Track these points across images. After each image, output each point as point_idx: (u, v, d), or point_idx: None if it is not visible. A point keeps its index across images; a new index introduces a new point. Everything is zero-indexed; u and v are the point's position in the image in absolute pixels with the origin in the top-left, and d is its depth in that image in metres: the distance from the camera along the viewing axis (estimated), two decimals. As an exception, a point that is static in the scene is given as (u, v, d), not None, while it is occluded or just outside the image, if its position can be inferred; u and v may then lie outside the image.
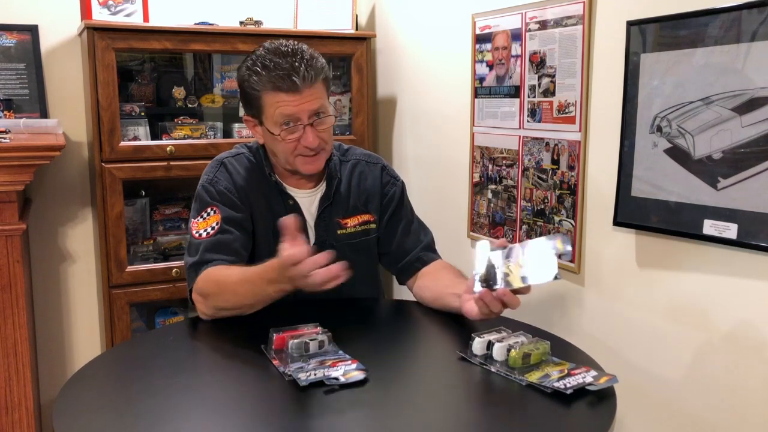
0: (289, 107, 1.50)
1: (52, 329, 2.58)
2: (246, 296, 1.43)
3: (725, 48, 1.35)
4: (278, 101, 1.50)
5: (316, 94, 1.52)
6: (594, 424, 1.07)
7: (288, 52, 1.51)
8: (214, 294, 1.46)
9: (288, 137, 1.53)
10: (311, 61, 1.51)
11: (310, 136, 1.52)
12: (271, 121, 1.53)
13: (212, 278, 1.48)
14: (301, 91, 1.49)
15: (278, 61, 1.49)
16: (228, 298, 1.45)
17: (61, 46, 2.47)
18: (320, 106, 1.53)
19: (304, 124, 1.52)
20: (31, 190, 2.45)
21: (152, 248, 2.49)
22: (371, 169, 1.73)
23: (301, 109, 1.51)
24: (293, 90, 1.48)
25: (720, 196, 1.38)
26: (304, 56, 1.51)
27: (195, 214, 1.61)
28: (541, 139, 1.88)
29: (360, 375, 1.17)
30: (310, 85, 1.50)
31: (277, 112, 1.51)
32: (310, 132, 1.52)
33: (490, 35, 2.05)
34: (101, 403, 1.16)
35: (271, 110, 1.52)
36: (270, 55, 1.52)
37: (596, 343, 1.73)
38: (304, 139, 1.53)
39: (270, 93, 1.51)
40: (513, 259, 1.34)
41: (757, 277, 1.35)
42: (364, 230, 1.69)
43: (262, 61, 1.51)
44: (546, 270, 1.30)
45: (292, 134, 1.53)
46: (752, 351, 1.38)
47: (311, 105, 1.51)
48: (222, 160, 1.66)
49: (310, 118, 1.52)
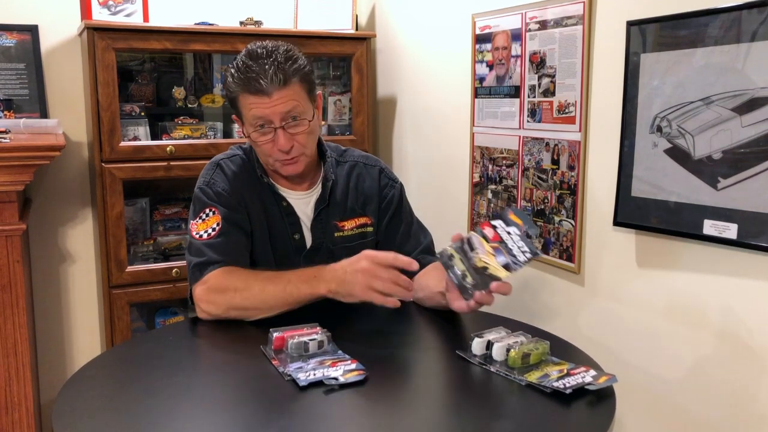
0: (258, 109, 1.49)
1: (52, 329, 2.58)
2: (274, 295, 1.42)
3: (725, 48, 1.34)
4: (249, 103, 1.50)
5: (289, 96, 1.49)
6: (593, 424, 1.07)
7: (261, 54, 1.49)
8: (234, 289, 1.45)
9: (260, 139, 1.52)
10: (285, 63, 1.48)
11: (281, 139, 1.51)
12: (248, 123, 1.53)
13: (235, 274, 1.48)
14: (270, 94, 1.47)
15: (249, 64, 1.48)
16: (252, 294, 1.44)
17: (61, 46, 2.47)
18: (293, 109, 1.50)
19: (275, 127, 1.51)
20: (31, 190, 2.45)
21: (152, 248, 2.49)
22: (369, 171, 1.72)
23: (272, 111, 1.49)
24: (262, 93, 1.47)
25: (720, 196, 1.38)
26: (277, 58, 1.48)
27: (194, 216, 1.60)
28: (541, 139, 1.88)
29: (359, 375, 1.17)
30: (280, 87, 1.47)
31: (249, 114, 1.51)
32: (281, 135, 1.51)
33: (490, 35, 2.05)
34: (101, 403, 1.16)
35: (245, 111, 1.52)
36: (245, 57, 1.51)
37: (596, 343, 1.73)
38: (276, 142, 1.51)
39: (242, 95, 1.50)
40: (480, 249, 1.33)
41: (757, 277, 1.35)
42: (362, 233, 1.68)
43: (237, 63, 1.51)
44: (521, 250, 1.30)
45: (265, 136, 1.52)
46: (752, 351, 1.37)
47: (282, 107, 1.49)
48: (218, 162, 1.65)
49: (282, 120, 1.50)
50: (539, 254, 1.29)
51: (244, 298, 1.44)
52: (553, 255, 1.87)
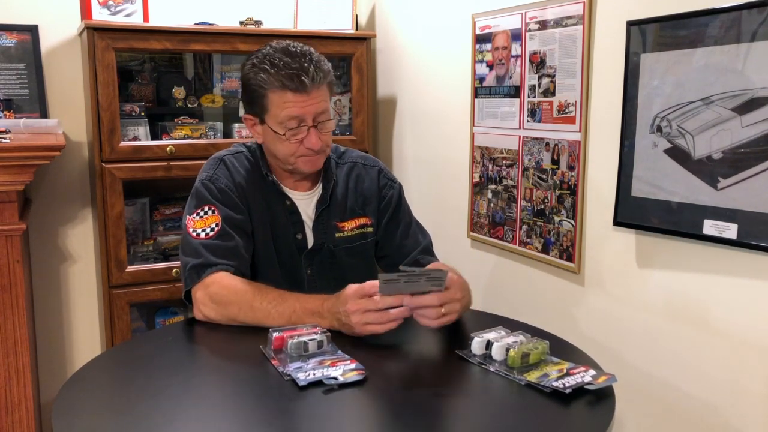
0: (295, 108, 1.50)
1: (52, 329, 2.58)
2: (278, 321, 1.40)
3: (725, 48, 1.34)
4: (285, 101, 1.49)
5: (322, 96, 1.52)
6: (593, 424, 1.07)
7: (297, 52, 1.51)
8: (238, 307, 1.43)
9: (292, 138, 1.52)
10: (319, 63, 1.51)
11: (313, 137, 1.52)
12: (275, 121, 1.52)
13: (240, 289, 1.46)
14: (309, 92, 1.49)
15: (287, 60, 1.49)
16: (255, 317, 1.42)
17: (61, 46, 2.48)
18: (325, 109, 1.53)
19: (309, 126, 1.52)
20: (31, 190, 2.45)
21: (152, 248, 2.49)
22: (368, 171, 1.72)
23: (307, 110, 1.50)
24: (301, 90, 1.48)
25: (720, 196, 1.38)
26: (312, 58, 1.51)
27: (191, 211, 1.57)
28: (541, 139, 1.88)
29: (359, 375, 1.16)
30: (318, 86, 1.50)
31: (283, 112, 1.50)
32: (314, 134, 1.52)
33: (490, 35, 2.05)
34: (101, 403, 1.16)
35: (277, 110, 1.51)
36: (279, 53, 1.51)
37: (595, 343, 1.73)
38: (308, 141, 1.52)
39: (277, 92, 1.49)
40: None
41: (757, 277, 1.35)
42: (362, 233, 1.68)
43: (271, 59, 1.50)
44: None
45: (296, 135, 1.52)
46: (752, 351, 1.37)
47: (317, 107, 1.51)
48: (222, 158, 1.64)
49: (314, 120, 1.52)
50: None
51: (247, 317, 1.43)
52: (553, 255, 1.87)
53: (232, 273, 1.50)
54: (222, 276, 1.48)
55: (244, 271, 1.53)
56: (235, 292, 1.45)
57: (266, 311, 1.42)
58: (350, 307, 1.33)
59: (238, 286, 1.47)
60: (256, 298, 1.44)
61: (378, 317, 1.33)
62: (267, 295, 1.44)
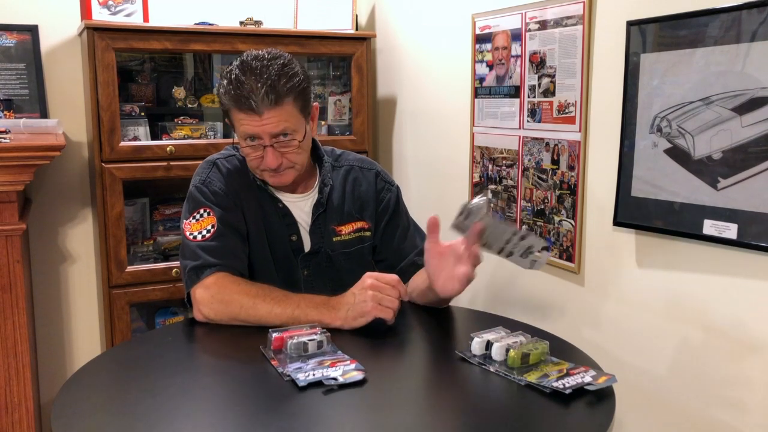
0: (249, 127, 1.48)
1: (52, 329, 2.58)
2: (280, 318, 1.41)
3: (725, 48, 1.34)
4: (240, 119, 1.49)
5: (280, 116, 1.47)
6: (593, 424, 1.07)
7: (255, 69, 1.46)
8: (240, 306, 1.43)
9: (251, 154, 1.52)
10: (278, 81, 1.45)
11: (269, 157, 1.50)
12: (239, 135, 1.53)
13: (242, 288, 1.46)
14: (260, 114, 1.46)
15: (242, 80, 1.45)
16: (258, 314, 1.43)
17: (61, 46, 2.48)
18: (283, 129, 1.49)
19: (265, 145, 1.50)
20: (31, 190, 2.45)
21: (152, 248, 2.49)
22: (365, 174, 1.72)
23: (262, 130, 1.48)
24: (252, 111, 1.46)
25: (720, 196, 1.38)
26: (270, 76, 1.44)
27: (187, 215, 1.58)
28: (541, 139, 1.88)
29: (359, 375, 1.17)
30: (271, 108, 1.45)
31: (240, 128, 1.51)
32: (270, 153, 1.50)
33: (490, 35, 2.05)
34: (100, 403, 1.16)
35: (236, 125, 1.52)
36: (238, 70, 1.48)
37: (595, 343, 1.73)
38: (264, 159, 1.51)
39: (233, 109, 1.49)
40: None
41: (757, 277, 1.35)
42: (359, 237, 1.68)
43: (230, 75, 1.48)
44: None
45: (255, 151, 1.52)
46: (752, 351, 1.37)
47: (272, 128, 1.47)
48: (214, 161, 1.64)
49: (271, 139, 1.49)
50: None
51: (249, 315, 1.43)
52: (553, 255, 1.87)
53: (231, 273, 1.50)
54: (222, 276, 1.48)
55: (243, 271, 1.54)
56: (237, 291, 1.46)
57: (269, 308, 1.42)
58: (369, 281, 1.38)
59: (238, 285, 1.47)
60: (258, 295, 1.44)
61: (391, 301, 1.37)
62: (269, 293, 1.45)
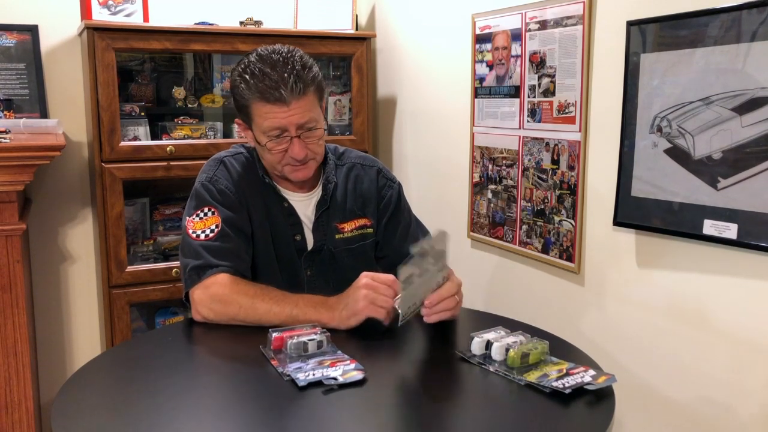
0: (276, 119, 1.48)
1: (52, 329, 2.58)
2: (279, 317, 1.41)
3: (725, 48, 1.34)
4: (266, 112, 1.48)
5: (306, 106, 1.48)
6: (592, 424, 1.07)
7: (278, 61, 1.47)
8: (239, 306, 1.43)
9: (275, 148, 1.52)
10: (302, 71, 1.47)
11: (296, 147, 1.50)
12: (259, 131, 1.52)
13: (240, 288, 1.46)
14: (289, 104, 1.46)
15: (267, 71, 1.46)
16: (256, 314, 1.43)
17: (61, 46, 2.48)
18: (309, 119, 1.50)
19: (292, 136, 1.50)
20: (31, 190, 2.45)
21: (152, 248, 2.49)
22: (367, 172, 1.72)
23: (289, 121, 1.48)
24: (281, 102, 1.46)
25: (720, 196, 1.38)
26: (295, 66, 1.46)
27: (191, 212, 1.57)
28: (541, 139, 1.88)
29: (358, 375, 1.16)
30: (299, 97, 1.46)
31: (265, 123, 1.49)
32: (297, 144, 1.50)
33: (490, 35, 2.05)
34: (100, 403, 1.16)
35: (260, 120, 1.50)
36: (260, 63, 1.48)
37: (595, 343, 1.73)
38: (291, 150, 1.51)
39: (258, 103, 1.48)
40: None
41: (757, 277, 1.35)
42: (362, 234, 1.68)
43: (252, 68, 1.48)
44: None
45: (280, 145, 1.51)
46: (752, 351, 1.37)
47: (299, 118, 1.48)
48: (222, 159, 1.64)
49: (297, 130, 1.50)
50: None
51: (248, 315, 1.44)
52: (553, 255, 1.87)
53: (233, 274, 1.50)
54: (222, 277, 1.48)
55: (245, 273, 1.53)
56: (236, 291, 1.45)
57: (268, 308, 1.42)
58: (364, 280, 1.39)
59: (239, 285, 1.47)
60: (257, 295, 1.44)
61: (385, 301, 1.37)
62: (268, 293, 1.45)
